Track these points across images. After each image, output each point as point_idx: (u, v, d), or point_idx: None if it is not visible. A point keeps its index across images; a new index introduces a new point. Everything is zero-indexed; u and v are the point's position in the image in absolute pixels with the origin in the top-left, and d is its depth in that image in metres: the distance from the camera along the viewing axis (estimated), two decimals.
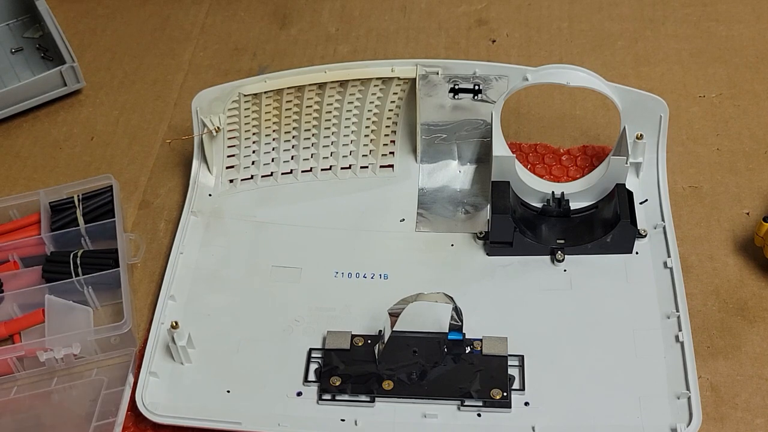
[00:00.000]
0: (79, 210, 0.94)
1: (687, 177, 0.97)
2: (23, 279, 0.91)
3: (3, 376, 0.85)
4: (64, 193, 0.96)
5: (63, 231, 0.93)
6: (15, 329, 0.87)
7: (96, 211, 0.95)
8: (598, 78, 0.90)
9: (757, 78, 1.07)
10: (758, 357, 0.83)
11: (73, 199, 0.95)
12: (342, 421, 0.80)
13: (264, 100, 0.95)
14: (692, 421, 0.77)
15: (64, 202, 0.96)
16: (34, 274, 0.91)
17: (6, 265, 0.92)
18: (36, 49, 1.14)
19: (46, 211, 0.95)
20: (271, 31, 1.18)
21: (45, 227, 0.93)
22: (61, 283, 0.88)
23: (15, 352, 0.84)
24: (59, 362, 0.85)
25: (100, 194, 0.96)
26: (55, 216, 0.95)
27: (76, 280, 0.88)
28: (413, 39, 1.15)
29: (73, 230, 0.93)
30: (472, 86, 0.94)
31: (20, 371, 0.85)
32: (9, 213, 0.96)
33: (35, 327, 0.87)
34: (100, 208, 0.95)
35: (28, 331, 0.87)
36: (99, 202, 0.95)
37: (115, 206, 0.94)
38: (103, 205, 0.95)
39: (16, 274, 0.91)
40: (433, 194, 0.97)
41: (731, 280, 0.88)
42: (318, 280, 0.90)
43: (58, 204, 0.96)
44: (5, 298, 0.88)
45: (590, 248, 0.89)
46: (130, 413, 0.83)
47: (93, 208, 0.95)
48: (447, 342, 0.82)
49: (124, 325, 0.84)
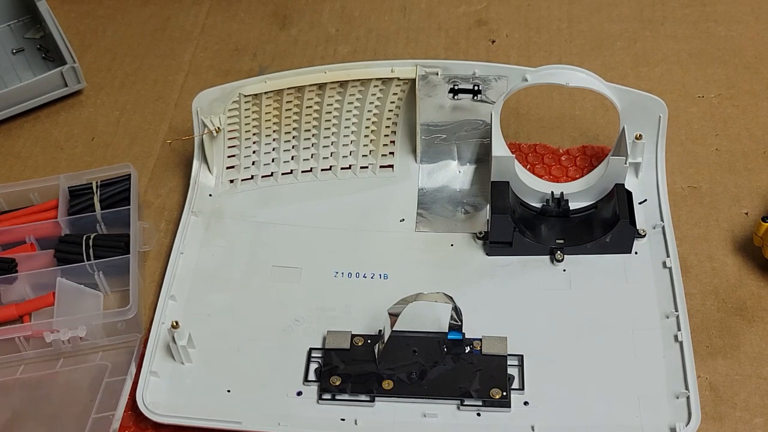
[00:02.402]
0: (96, 196, 0.95)
1: (686, 177, 0.97)
2: (38, 261, 0.92)
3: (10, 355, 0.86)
4: (84, 179, 0.98)
5: (79, 216, 0.95)
6: (25, 311, 0.88)
7: (113, 197, 0.96)
8: (597, 78, 0.91)
9: (756, 78, 1.07)
10: (757, 356, 0.83)
11: (92, 185, 0.96)
12: (342, 420, 0.80)
13: (264, 100, 0.95)
14: (691, 421, 0.77)
15: (83, 187, 0.97)
16: (48, 257, 0.92)
17: (23, 246, 0.94)
18: (37, 50, 1.14)
19: (64, 196, 0.96)
20: (272, 31, 1.18)
21: (62, 211, 0.95)
22: (73, 266, 0.90)
23: (23, 332, 0.85)
24: (65, 344, 0.86)
25: (118, 182, 0.97)
26: (73, 201, 0.96)
27: (88, 264, 0.90)
28: (413, 39, 1.15)
29: (88, 215, 0.95)
30: (472, 87, 0.94)
31: (27, 351, 0.86)
32: (30, 196, 0.98)
33: (46, 309, 0.88)
34: (117, 195, 0.96)
35: (38, 312, 0.89)
36: (116, 189, 0.96)
37: (131, 194, 0.95)
38: (120, 192, 0.96)
39: (31, 256, 0.93)
40: (433, 194, 0.97)
41: (730, 280, 0.89)
42: (318, 280, 0.90)
43: (76, 189, 0.97)
44: (19, 279, 0.90)
45: (589, 248, 0.89)
46: (131, 413, 0.83)
47: (110, 194, 0.96)
48: (447, 342, 0.82)
49: (129, 311, 0.85)
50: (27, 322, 0.88)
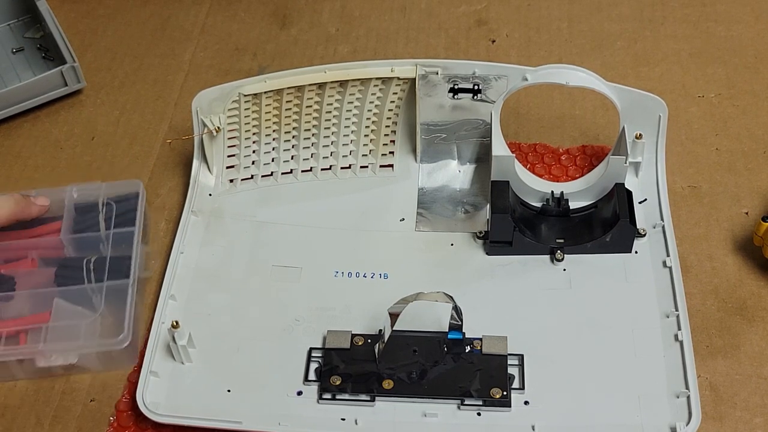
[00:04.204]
0: (101, 215, 0.92)
1: (686, 177, 0.97)
2: (38, 278, 0.90)
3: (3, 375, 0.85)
4: (92, 195, 0.94)
5: (82, 235, 0.92)
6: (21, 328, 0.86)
7: (119, 217, 0.93)
8: (597, 78, 0.91)
9: (756, 78, 1.07)
10: (757, 356, 0.83)
11: (98, 203, 0.93)
12: (342, 420, 0.80)
13: (264, 100, 0.95)
14: (691, 420, 0.77)
15: (90, 204, 0.94)
16: (49, 274, 0.90)
17: (24, 262, 0.92)
18: (37, 49, 1.14)
19: (69, 212, 0.93)
20: (272, 31, 1.18)
21: (66, 228, 0.92)
22: (71, 288, 0.87)
23: (14, 356, 0.84)
24: (56, 368, 0.84)
25: (126, 200, 0.94)
26: (79, 217, 0.93)
27: (88, 286, 0.87)
28: (413, 39, 1.15)
29: (92, 235, 0.91)
30: (472, 86, 0.94)
31: (19, 373, 0.85)
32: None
33: (42, 326, 0.86)
34: (123, 214, 0.93)
35: (34, 331, 0.86)
36: (123, 208, 0.93)
37: (137, 215, 0.92)
38: (127, 212, 0.93)
39: (32, 272, 0.91)
40: (433, 194, 0.97)
41: (730, 280, 0.89)
42: (318, 279, 0.90)
43: (83, 205, 0.94)
44: (16, 297, 0.88)
45: (589, 248, 0.89)
46: (131, 413, 0.83)
47: (117, 214, 0.93)
48: (447, 341, 0.82)
49: (122, 340, 0.83)
50: (23, 341, 0.85)
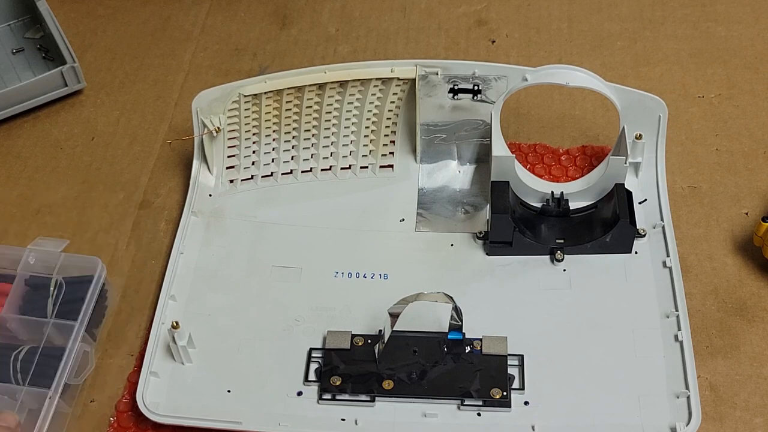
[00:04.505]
0: (51, 299, 0.85)
1: (686, 177, 0.97)
2: None
3: None
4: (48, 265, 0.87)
5: (26, 317, 0.84)
6: None
7: (65, 305, 0.85)
8: (597, 78, 0.91)
9: (756, 78, 1.07)
10: (757, 356, 0.83)
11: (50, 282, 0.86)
12: (342, 420, 0.80)
13: (264, 100, 0.95)
14: (691, 421, 0.77)
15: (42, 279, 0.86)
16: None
17: None
18: (37, 50, 1.14)
19: (18, 285, 0.86)
20: (272, 31, 1.18)
21: (11, 304, 0.84)
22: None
23: None
24: None
25: (79, 283, 0.86)
26: (29, 294, 0.87)
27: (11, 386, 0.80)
28: (413, 39, 1.15)
29: (35, 320, 0.84)
30: (472, 86, 0.94)
31: None
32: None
33: None
34: (71, 303, 0.85)
35: None
36: (73, 294, 0.85)
37: (83, 306, 0.83)
38: (75, 300, 0.85)
39: None
40: (433, 194, 0.97)
41: (730, 280, 0.89)
42: (318, 280, 0.90)
43: (36, 279, 0.87)
44: None
45: (589, 248, 0.89)
46: (131, 413, 0.83)
47: (64, 300, 0.85)
48: (447, 341, 0.82)
49: None
50: None
